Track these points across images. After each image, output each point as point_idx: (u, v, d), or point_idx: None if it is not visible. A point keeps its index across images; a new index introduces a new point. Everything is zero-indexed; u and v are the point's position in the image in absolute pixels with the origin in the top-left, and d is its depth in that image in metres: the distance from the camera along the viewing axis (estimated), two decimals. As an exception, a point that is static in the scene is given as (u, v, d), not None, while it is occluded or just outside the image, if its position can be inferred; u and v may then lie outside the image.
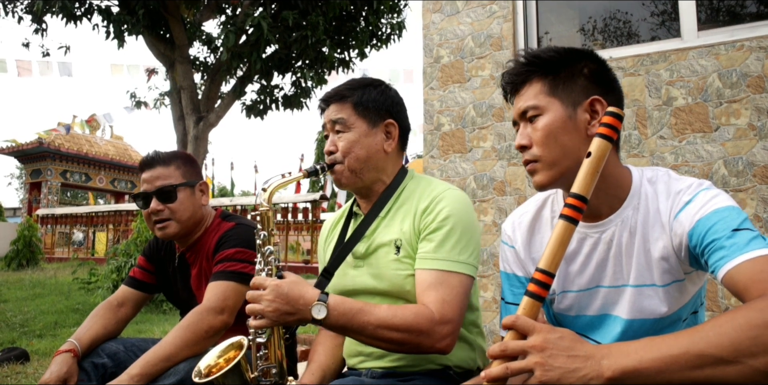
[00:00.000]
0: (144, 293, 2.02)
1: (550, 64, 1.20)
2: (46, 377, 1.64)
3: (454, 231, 1.40)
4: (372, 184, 1.54)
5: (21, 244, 13.85)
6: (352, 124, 1.51)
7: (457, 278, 1.37)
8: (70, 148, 21.73)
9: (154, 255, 2.06)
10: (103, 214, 17.54)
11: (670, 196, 1.14)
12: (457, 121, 3.66)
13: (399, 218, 1.49)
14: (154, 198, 1.88)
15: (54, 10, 8.53)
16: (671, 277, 1.14)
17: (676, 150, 2.94)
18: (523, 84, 1.22)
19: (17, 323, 5.76)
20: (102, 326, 1.85)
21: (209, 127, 9.30)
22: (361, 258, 1.51)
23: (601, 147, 1.05)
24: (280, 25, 8.50)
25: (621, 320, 1.19)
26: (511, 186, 3.41)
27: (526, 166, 1.20)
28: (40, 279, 10.52)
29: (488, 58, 3.61)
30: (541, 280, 0.98)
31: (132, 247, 8.20)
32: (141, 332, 5.22)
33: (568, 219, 1.01)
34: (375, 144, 1.52)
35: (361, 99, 1.53)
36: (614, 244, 1.19)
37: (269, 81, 9.95)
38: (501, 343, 0.94)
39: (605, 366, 0.88)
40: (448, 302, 1.33)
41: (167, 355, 1.60)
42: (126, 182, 24.79)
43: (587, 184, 1.03)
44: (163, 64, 9.69)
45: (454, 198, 1.46)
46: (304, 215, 13.35)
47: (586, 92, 1.18)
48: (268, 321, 1.26)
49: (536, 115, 1.18)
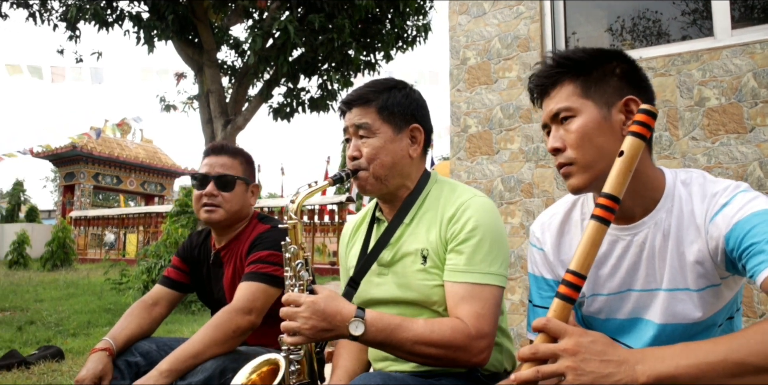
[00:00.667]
0: (178, 292, 2.05)
1: (581, 65, 1.18)
2: (82, 374, 1.67)
3: (484, 242, 1.38)
4: (396, 190, 1.51)
5: (55, 245, 14.21)
6: (377, 130, 1.46)
7: (489, 291, 1.35)
8: (102, 151, 22.21)
9: (188, 255, 2.09)
10: (133, 216, 17.90)
11: (705, 198, 1.11)
12: (484, 122, 3.64)
13: (424, 226, 1.46)
14: (212, 182, 1.93)
15: (87, 17, 8.72)
16: (706, 281, 1.11)
17: (709, 151, 2.88)
18: (554, 86, 1.20)
19: (52, 322, 5.91)
20: (137, 325, 1.88)
21: (237, 130, 9.40)
22: (386, 266, 1.48)
23: (634, 146, 1.02)
24: (307, 28, 8.56)
25: (653, 325, 1.16)
26: (538, 188, 3.38)
27: (561, 170, 1.18)
28: (73, 279, 10.77)
29: (515, 60, 3.59)
30: (572, 282, 0.96)
31: (162, 248, 8.34)
32: (170, 332, 5.30)
33: (599, 220, 0.99)
34: (400, 150, 1.48)
35: (386, 103, 1.48)
36: (647, 247, 1.16)
37: (296, 84, 10.02)
38: (532, 345, 0.92)
39: (639, 372, 0.87)
40: (482, 315, 1.31)
41: (195, 352, 1.63)
42: (156, 185, 25.22)
43: (619, 184, 1.00)
44: (191, 69, 9.84)
45: (481, 206, 1.42)
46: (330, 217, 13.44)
47: (619, 92, 1.16)
48: (304, 339, 1.23)
49: (569, 117, 1.16)
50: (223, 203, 1.92)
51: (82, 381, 1.65)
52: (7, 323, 5.79)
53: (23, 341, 4.95)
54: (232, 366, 1.62)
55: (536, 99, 1.26)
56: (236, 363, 1.64)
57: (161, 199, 25.30)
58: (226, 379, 1.59)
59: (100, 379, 1.68)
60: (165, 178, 25.60)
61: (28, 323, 5.79)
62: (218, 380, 1.58)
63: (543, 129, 1.25)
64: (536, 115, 3.46)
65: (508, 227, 3.44)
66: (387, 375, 1.32)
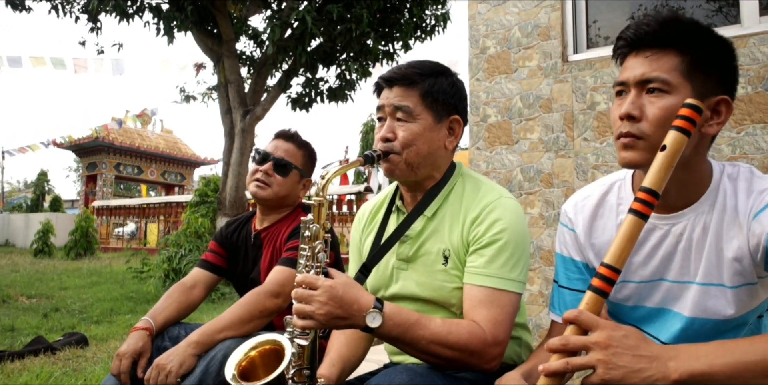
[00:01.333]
0: (215, 275, 2.12)
1: (695, 41, 1.08)
2: (123, 348, 1.73)
3: (507, 246, 1.33)
4: (423, 180, 1.44)
5: (78, 234, 14.46)
6: (417, 115, 1.38)
7: (508, 297, 1.31)
8: (123, 142, 22.49)
9: (226, 240, 2.16)
10: (154, 205, 18.13)
11: (751, 194, 1.08)
12: (504, 112, 3.61)
13: (447, 224, 1.41)
14: (272, 162, 2.03)
15: (108, 8, 8.80)
16: (742, 279, 1.09)
17: (734, 142, 2.83)
18: (658, 48, 1.08)
19: (76, 310, 6.03)
20: (175, 308, 1.95)
21: (256, 120, 9.43)
22: (406, 261, 1.45)
23: (677, 141, 0.98)
24: (325, 18, 8.54)
25: (682, 317, 1.15)
26: (558, 178, 3.36)
27: (623, 139, 1.09)
28: (96, 268, 10.97)
29: (535, 49, 3.55)
30: (606, 275, 0.93)
31: (182, 237, 8.45)
32: (191, 320, 5.38)
33: (637, 214, 0.96)
34: (438, 140, 1.41)
35: (431, 89, 1.39)
36: (684, 238, 1.13)
37: (314, 74, 10.01)
38: (562, 337, 0.90)
39: (672, 368, 0.85)
40: (499, 322, 1.28)
41: (221, 327, 1.71)
42: (176, 175, 25.49)
43: (660, 179, 0.96)
44: (210, 59, 9.87)
45: (507, 209, 1.36)
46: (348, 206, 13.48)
47: (715, 88, 1.09)
48: (316, 324, 1.17)
49: (661, 91, 1.07)
50: (274, 185, 2.02)
51: (123, 355, 1.71)
52: (34, 310, 5.92)
53: (49, 327, 5.06)
54: None
55: (623, 50, 1.15)
56: None
57: (181, 189, 25.58)
58: None
59: (140, 355, 1.74)
60: (185, 168, 25.85)
61: (54, 310, 5.91)
62: None
63: (616, 86, 1.14)
64: (556, 105, 3.42)
65: (527, 217, 3.42)
66: (412, 371, 1.26)
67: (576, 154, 3.32)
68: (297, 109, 10.33)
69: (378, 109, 1.45)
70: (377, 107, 1.45)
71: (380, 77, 1.46)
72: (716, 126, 1.10)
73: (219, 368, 1.58)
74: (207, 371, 1.59)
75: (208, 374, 1.58)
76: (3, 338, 4.51)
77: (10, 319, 5.33)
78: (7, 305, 6.24)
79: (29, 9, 9.58)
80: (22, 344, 4.28)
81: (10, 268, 10.61)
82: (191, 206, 9.50)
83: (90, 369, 3.51)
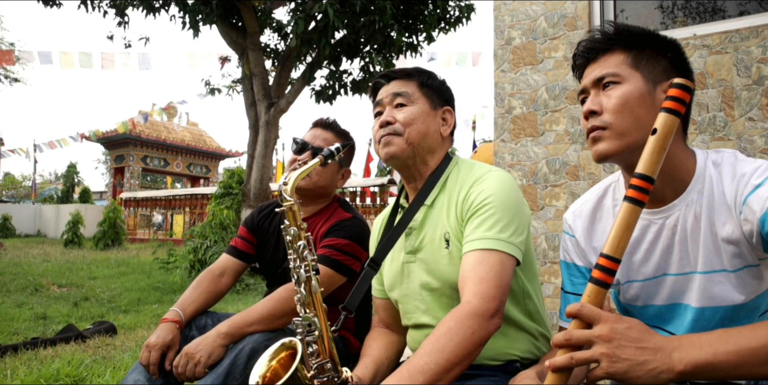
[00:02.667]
0: (244, 262, 2.09)
1: (638, 39, 1.16)
2: (153, 340, 1.73)
3: (494, 210, 1.32)
4: (420, 166, 1.49)
5: (107, 225, 14.75)
6: (416, 100, 1.49)
7: (497, 256, 1.26)
8: (149, 134, 22.81)
9: (257, 226, 2.12)
10: (180, 197, 18.38)
11: (735, 178, 1.07)
12: (529, 104, 3.57)
13: (444, 209, 1.44)
14: (310, 152, 1.96)
15: (135, 2, 8.92)
16: (742, 261, 1.08)
17: (767, 133, 2.76)
18: (605, 52, 1.18)
19: (105, 299, 6.16)
20: (204, 299, 1.94)
21: (280, 112, 9.49)
22: (413, 253, 1.47)
23: (668, 123, 0.96)
24: (348, 10, 8.53)
25: (691, 309, 1.13)
26: (584, 170, 3.31)
27: (591, 134, 1.15)
28: (124, 258, 11.18)
29: (562, 39, 3.50)
30: (605, 266, 0.92)
31: (207, 229, 8.56)
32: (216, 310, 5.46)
33: (633, 201, 0.94)
34: (434, 124, 1.50)
35: (426, 81, 1.53)
36: (678, 229, 1.13)
37: (338, 66, 10.02)
38: (566, 332, 0.91)
39: (676, 359, 0.85)
40: (485, 280, 1.22)
41: (252, 321, 1.70)
42: (201, 167, 25.80)
43: (653, 164, 0.94)
44: (235, 52, 9.94)
45: (494, 178, 1.39)
46: (372, 199, 13.49)
47: (667, 73, 1.13)
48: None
49: (614, 83, 1.14)
50: (313, 175, 1.94)
51: (153, 347, 1.71)
52: (65, 299, 6.07)
53: (79, 316, 5.18)
54: None
55: (580, 65, 1.24)
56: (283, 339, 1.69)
57: (206, 181, 25.89)
58: None
59: (168, 347, 1.74)
60: (210, 160, 26.14)
61: (83, 299, 6.05)
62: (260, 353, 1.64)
63: (579, 95, 1.23)
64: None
65: (552, 209, 3.39)
66: None
67: (603, 146, 3.27)
68: (321, 102, 10.36)
69: (376, 106, 1.56)
70: (375, 104, 1.56)
71: (378, 76, 1.58)
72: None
73: (246, 361, 1.59)
74: (234, 363, 1.59)
75: (236, 367, 1.58)
76: (36, 326, 4.64)
77: (42, 307, 5.48)
78: (40, 294, 6.41)
79: (60, 4, 9.75)
80: (54, 331, 4.40)
81: (42, 258, 10.88)
82: (216, 197, 9.60)
83: (119, 357, 3.59)
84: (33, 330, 4.48)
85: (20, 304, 5.68)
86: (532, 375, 1.17)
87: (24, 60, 16.30)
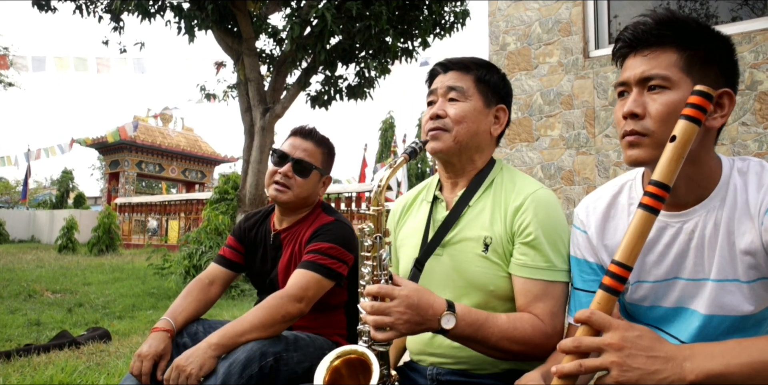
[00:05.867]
0: (232, 271, 2.09)
1: (693, 37, 1.08)
2: (144, 350, 1.72)
3: (552, 237, 1.37)
4: (465, 164, 1.49)
5: (101, 231, 14.68)
6: (470, 96, 1.46)
7: (560, 288, 1.36)
8: (145, 140, 22.75)
9: (244, 235, 2.12)
10: (175, 203, 18.33)
11: (762, 188, 1.06)
12: (524, 109, 3.58)
13: (488, 213, 1.43)
14: (290, 163, 1.96)
15: (130, 8, 8.91)
16: (757, 273, 1.07)
17: (761, 137, 2.77)
18: (657, 46, 1.09)
19: (100, 305, 6.12)
20: (195, 308, 1.93)
21: (275, 118, 9.48)
22: (442, 246, 1.46)
23: (687, 130, 0.95)
24: (344, 15, 8.54)
25: (699, 315, 1.12)
26: (579, 175, 3.32)
27: (628, 137, 1.09)
28: (118, 264, 11.13)
29: (556, 44, 3.51)
30: (617, 273, 0.91)
31: (202, 234, 8.52)
32: (211, 316, 5.44)
33: (648, 209, 0.93)
34: (485, 123, 1.48)
35: (484, 77, 1.49)
36: (696, 235, 1.11)
37: (333, 72, 10.03)
38: (574, 338, 0.89)
39: (688, 369, 0.84)
40: (556, 314, 1.34)
41: (242, 331, 1.67)
42: (196, 172, 25.74)
43: (670, 172, 0.93)
44: (230, 57, 9.94)
45: (548, 200, 1.41)
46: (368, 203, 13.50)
47: (717, 81, 1.08)
48: (397, 334, 1.20)
49: (662, 87, 1.07)
50: (294, 187, 1.95)
51: (144, 357, 1.70)
52: (58, 305, 6.03)
53: (73, 322, 5.15)
54: (273, 350, 1.66)
55: (623, 53, 1.16)
56: (276, 347, 1.68)
57: (201, 186, 25.83)
58: (266, 362, 1.62)
59: (160, 357, 1.73)
60: (205, 165, 26.09)
61: (78, 305, 6.01)
62: (258, 363, 1.62)
63: (618, 87, 1.15)
64: (577, 101, 3.38)
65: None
66: None
67: (597, 151, 3.28)
68: (316, 107, 10.36)
69: (430, 94, 1.52)
70: (429, 91, 1.52)
71: (437, 63, 1.54)
72: (720, 119, 1.09)
73: (242, 370, 1.57)
74: (229, 372, 1.57)
75: (231, 376, 1.56)
76: (29, 332, 4.60)
77: (36, 313, 5.44)
78: (33, 300, 6.36)
79: (54, 9, 9.74)
80: (47, 337, 4.36)
81: (35, 263, 10.82)
82: (211, 203, 9.58)
83: (113, 364, 3.57)
84: (26, 336, 4.44)
85: (13, 310, 5.64)
86: (537, 377, 1.16)
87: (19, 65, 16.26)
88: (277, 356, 1.67)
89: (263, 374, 1.61)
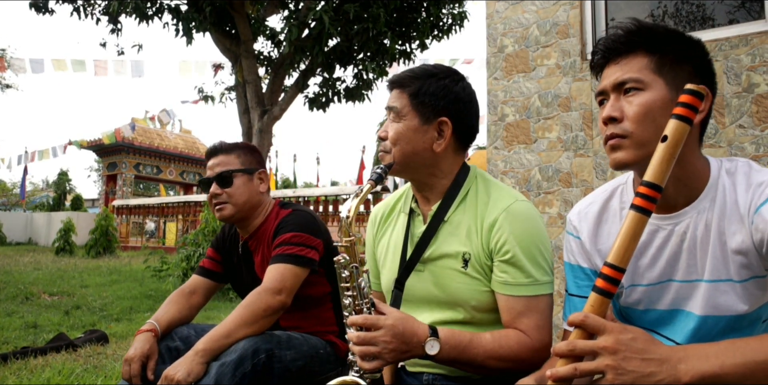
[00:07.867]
0: (213, 281, 2.11)
1: (661, 41, 1.12)
2: (131, 353, 1.74)
3: (531, 251, 1.36)
4: (426, 180, 1.46)
5: (99, 233, 14.65)
6: (404, 116, 1.42)
7: (544, 301, 1.36)
8: (142, 142, 22.73)
9: (221, 246, 2.16)
10: (173, 205, 18.30)
11: (750, 188, 1.07)
12: (522, 111, 3.59)
13: (464, 228, 1.42)
14: (214, 183, 2.01)
15: (128, 10, 8.91)
16: (750, 272, 1.07)
17: (758, 140, 2.78)
18: (627, 53, 1.13)
19: (97, 307, 6.11)
20: (177, 310, 1.95)
21: (273, 120, 9.49)
22: (423, 263, 1.45)
23: (679, 130, 0.95)
24: (342, 18, 8.56)
25: (694, 316, 1.13)
26: (577, 177, 3.33)
27: (610, 141, 1.11)
28: (116, 266, 11.11)
29: (554, 47, 3.52)
30: (610, 275, 0.91)
31: (200, 237, 8.50)
32: (209, 319, 5.43)
33: (640, 210, 0.92)
34: (423, 141, 1.41)
35: (418, 91, 1.41)
36: (688, 237, 1.12)
37: (331, 74, 10.04)
38: (568, 342, 0.89)
39: (682, 371, 0.84)
40: (542, 327, 1.34)
41: (227, 332, 1.68)
42: (194, 174, 25.71)
43: (662, 172, 0.94)
44: (228, 60, 9.96)
45: (523, 213, 1.39)
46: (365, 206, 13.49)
47: (690, 80, 1.08)
48: (384, 363, 1.21)
49: (636, 90, 1.10)
50: (228, 199, 1.99)
51: (132, 360, 1.72)
52: (56, 307, 6.01)
53: (70, 324, 5.13)
54: (264, 347, 1.67)
55: (599, 64, 1.20)
56: (268, 344, 1.69)
57: (199, 188, 25.80)
58: (258, 359, 1.63)
59: (147, 358, 1.75)
60: (203, 167, 25.88)
61: (75, 308, 5.99)
62: (251, 360, 1.63)
63: (598, 97, 1.19)
64: (575, 104, 3.39)
65: (545, 216, 3.40)
66: None
67: (595, 153, 3.29)
68: (314, 109, 10.38)
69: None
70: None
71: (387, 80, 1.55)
72: (700, 114, 1.10)
73: (234, 369, 1.58)
74: (222, 372, 1.58)
75: (223, 375, 1.57)
76: (26, 335, 4.59)
77: (33, 316, 5.42)
78: (30, 302, 6.35)
79: (52, 11, 9.74)
80: (44, 340, 4.35)
81: (32, 266, 10.79)
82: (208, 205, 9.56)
83: (110, 366, 3.56)
84: (23, 339, 4.43)
85: (10, 312, 5.62)
86: (532, 382, 1.16)
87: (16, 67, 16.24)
88: (270, 352, 1.67)
89: (256, 371, 1.62)
